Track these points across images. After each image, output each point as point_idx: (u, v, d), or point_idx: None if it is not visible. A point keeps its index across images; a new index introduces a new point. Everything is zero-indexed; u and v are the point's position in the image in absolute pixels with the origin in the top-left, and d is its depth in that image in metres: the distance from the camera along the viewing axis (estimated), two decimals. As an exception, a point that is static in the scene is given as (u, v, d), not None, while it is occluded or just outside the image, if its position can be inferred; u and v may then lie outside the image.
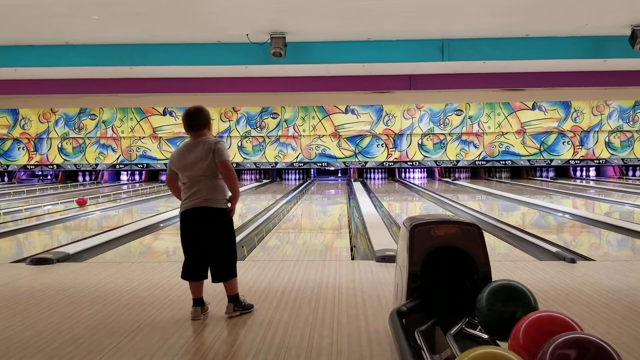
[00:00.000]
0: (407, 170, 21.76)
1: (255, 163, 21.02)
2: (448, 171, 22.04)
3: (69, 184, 20.35)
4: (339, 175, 22.30)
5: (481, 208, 11.96)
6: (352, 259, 6.36)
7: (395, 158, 20.85)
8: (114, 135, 21.13)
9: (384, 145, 20.84)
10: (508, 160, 20.76)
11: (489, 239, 5.14)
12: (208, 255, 3.88)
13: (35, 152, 21.36)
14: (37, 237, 8.62)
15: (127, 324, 3.75)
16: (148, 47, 11.30)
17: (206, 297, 3.97)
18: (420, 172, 22.02)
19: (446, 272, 3.00)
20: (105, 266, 5.79)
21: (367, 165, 21.01)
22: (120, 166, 21.35)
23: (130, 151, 21.19)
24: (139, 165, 21.30)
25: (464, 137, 20.77)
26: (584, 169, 21.69)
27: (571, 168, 21.52)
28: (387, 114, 20.71)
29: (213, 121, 18.68)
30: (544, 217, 10.51)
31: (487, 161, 20.89)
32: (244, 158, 20.95)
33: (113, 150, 21.25)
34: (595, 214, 10.42)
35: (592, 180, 20.66)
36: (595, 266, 5.56)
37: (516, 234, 7.84)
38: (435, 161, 20.96)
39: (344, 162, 21.02)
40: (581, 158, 20.65)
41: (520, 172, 21.93)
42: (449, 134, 20.74)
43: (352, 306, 4.12)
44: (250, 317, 3.86)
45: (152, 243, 8.08)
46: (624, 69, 13.90)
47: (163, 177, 21.18)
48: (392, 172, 21.82)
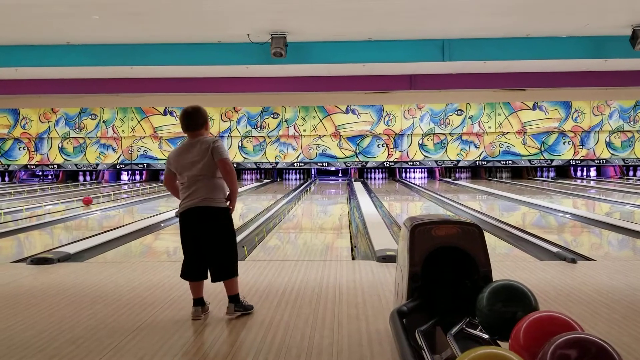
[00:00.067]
0: (408, 170, 21.76)
1: (255, 163, 21.02)
2: (448, 171, 22.04)
3: (69, 184, 20.36)
4: (340, 175, 22.30)
5: (482, 208, 11.96)
6: (353, 259, 6.36)
7: (396, 158, 20.85)
8: (115, 135, 21.13)
9: (385, 145, 20.83)
10: (509, 160, 20.75)
11: (489, 239, 5.14)
12: (208, 255, 3.87)
13: (35, 152, 21.36)
14: (38, 237, 8.62)
15: (128, 323, 3.75)
16: (149, 47, 11.31)
17: (206, 297, 3.97)
18: (421, 172, 22.02)
19: (447, 272, 3.00)
20: (106, 266, 5.80)
21: (368, 165, 21.00)
22: (121, 166, 21.35)
23: (131, 151, 21.19)
24: (140, 165, 21.30)
25: (464, 137, 20.76)
26: (585, 169, 21.68)
27: (572, 168, 21.51)
28: (387, 114, 20.70)
29: (214, 121, 18.53)
30: (545, 217, 10.50)
31: (488, 161, 20.88)
32: (245, 158, 20.95)
33: (114, 150, 21.25)
34: (596, 214, 10.41)
35: (593, 180, 20.65)
36: (595, 266, 5.56)
37: (517, 234, 7.84)
38: (436, 161, 20.95)
39: (345, 162, 21.02)
40: (582, 158, 20.64)
41: (520, 172, 21.92)
42: (449, 134, 20.74)
43: (352, 306, 4.12)
44: (250, 317, 3.86)
45: (152, 243, 8.09)
46: (624, 69, 13.91)
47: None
48: (393, 172, 21.82)
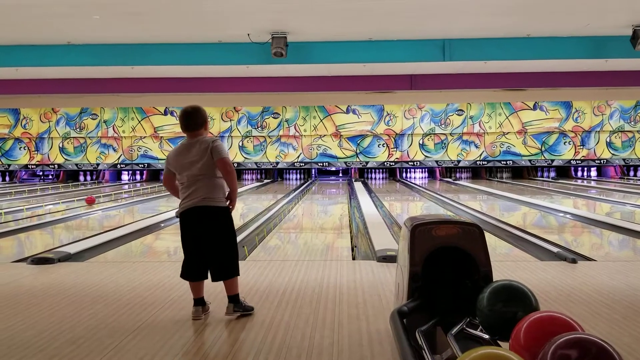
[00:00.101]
0: (408, 170, 21.76)
1: (256, 163, 21.02)
2: (449, 171, 22.03)
3: (70, 184, 20.37)
4: (340, 175, 22.29)
5: (482, 208, 11.96)
6: (353, 259, 6.36)
7: (397, 158, 20.84)
8: (115, 135, 21.14)
9: (385, 145, 20.83)
10: (509, 160, 20.74)
11: (490, 239, 5.14)
12: (208, 254, 3.86)
13: (36, 152, 21.36)
14: (38, 237, 8.63)
15: (128, 323, 3.75)
16: (149, 46, 11.31)
17: (207, 297, 3.97)
18: (421, 172, 22.01)
19: (447, 272, 3.00)
20: (107, 266, 5.80)
21: (368, 165, 21.00)
22: (122, 166, 21.35)
23: (132, 151, 21.20)
24: (140, 165, 21.30)
25: (465, 137, 20.75)
26: (585, 169, 21.66)
27: (572, 168, 21.50)
28: (388, 114, 20.70)
29: (214, 121, 18.51)
30: (545, 217, 10.50)
31: (488, 161, 20.87)
32: (245, 158, 20.95)
33: (114, 150, 21.26)
34: (597, 214, 10.41)
35: (593, 180, 20.64)
36: (596, 266, 5.56)
37: (517, 234, 7.83)
38: (436, 161, 20.95)
39: (345, 162, 21.01)
40: (582, 158, 20.63)
41: (521, 172, 21.91)
42: (450, 134, 20.73)
43: (353, 306, 4.12)
44: (251, 317, 3.85)
45: (153, 243, 8.09)
46: (625, 69, 13.91)
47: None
48: (393, 172, 21.81)
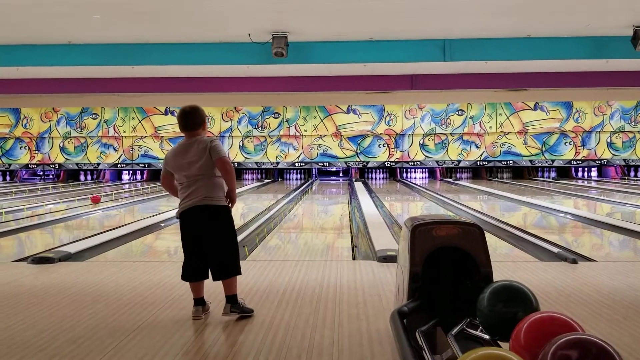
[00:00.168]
0: (409, 170, 21.75)
1: (256, 163, 21.02)
2: (449, 171, 22.03)
3: (70, 183, 20.37)
4: (341, 175, 22.29)
5: (482, 208, 11.95)
6: (354, 259, 6.36)
7: (397, 158, 20.84)
8: (116, 135, 21.14)
9: (386, 145, 20.82)
10: (510, 160, 20.74)
11: (490, 239, 5.13)
12: (209, 254, 3.85)
13: (37, 152, 21.37)
14: (39, 236, 8.63)
15: (128, 323, 3.75)
16: (150, 46, 11.31)
17: (207, 296, 3.97)
18: (422, 172, 22.01)
19: (447, 273, 3.00)
20: (107, 265, 5.80)
21: (369, 165, 21.00)
22: (122, 165, 21.36)
23: (132, 150, 21.20)
24: (141, 165, 21.31)
25: (465, 137, 20.75)
26: (586, 169, 21.65)
27: (573, 168, 21.49)
28: (388, 114, 20.69)
29: (215, 121, 18.48)
30: (546, 217, 10.50)
31: (489, 161, 20.87)
32: (246, 158, 20.95)
33: (115, 149, 21.26)
34: (597, 215, 10.41)
35: (594, 180, 20.63)
36: (596, 267, 5.56)
37: (517, 235, 7.83)
38: (437, 161, 20.94)
39: (346, 162, 21.01)
40: (583, 158, 20.62)
41: (521, 173, 21.90)
42: (450, 134, 20.73)
43: (353, 306, 4.12)
44: (251, 317, 3.84)
45: (153, 242, 8.09)
46: (626, 70, 13.90)
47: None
48: (394, 172, 21.81)
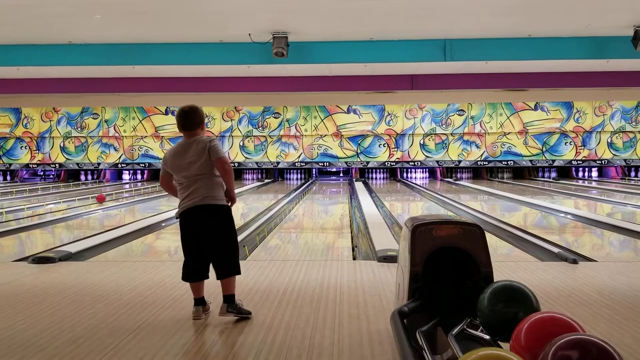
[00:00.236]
0: (409, 170, 21.75)
1: (257, 162, 21.01)
2: (450, 171, 22.02)
3: (71, 183, 20.38)
4: (341, 175, 22.29)
5: (483, 208, 11.95)
6: (354, 259, 6.36)
7: (397, 158, 20.83)
8: (116, 135, 21.14)
9: (386, 145, 20.82)
10: (510, 160, 20.73)
11: (490, 239, 5.13)
12: (210, 253, 3.84)
13: (37, 151, 21.37)
14: (39, 236, 8.63)
15: (129, 323, 3.75)
16: (150, 46, 11.31)
17: (207, 296, 3.96)
18: (422, 172, 22.00)
19: (448, 273, 3.00)
20: (107, 265, 5.80)
21: (369, 165, 20.99)
22: (123, 165, 21.36)
23: (133, 150, 21.20)
24: (141, 165, 21.31)
25: (466, 138, 20.74)
26: (586, 169, 21.64)
27: (573, 169, 21.48)
28: (389, 114, 20.69)
29: (215, 121, 18.46)
30: (546, 217, 10.50)
31: (489, 161, 20.86)
32: (246, 158, 20.95)
33: (115, 149, 21.26)
34: (598, 215, 10.40)
35: (595, 180, 20.63)
36: (597, 267, 5.56)
37: (518, 235, 7.83)
38: (437, 161, 20.94)
39: (346, 162, 21.01)
40: (583, 159, 20.61)
41: (522, 173, 21.89)
42: (451, 134, 20.72)
43: (353, 306, 4.12)
44: (251, 317, 3.85)
45: (153, 242, 8.09)
46: (626, 70, 13.89)
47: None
48: (394, 172, 21.81)
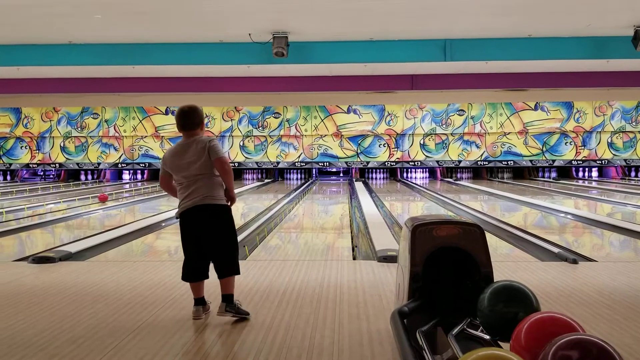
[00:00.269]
0: (409, 170, 21.75)
1: (257, 162, 21.02)
2: (450, 171, 22.02)
3: (71, 183, 20.38)
4: (341, 175, 22.29)
5: (483, 208, 11.95)
6: (354, 259, 6.36)
7: (397, 158, 20.83)
8: (117, 135, 21.14)
9: (386, 145, 20.82)
10: (510, 160, 20.73)
11: (490, 239, 5.13)
12: (210, 252, 3.84)
13: (37, 151, 21.37)
14: (39, 236, 8.63)
15: (129, 323, 3.75)
16: (150, 46, 11.31)
17: (207, 296, 3.96)
18: (422, 172, 22.00)
19: (448, 273, 3.00)
20: (107, 265, 5.80)
21: (369, 165, 20.99)
22: (123, 165, 21.36)
23: (133, 150, 21.20)
24: (141, 165, 21.31)
25: (466, 137, 20.74)
26: (587, 169, 21.64)
27: (573, 169, 21.48)
28: (389, 114, 20.69)
29: (215, 120, 18.46)
30: (546, 217, 10.49)
31: (489, 161, 20.86)
32: (246, 157, 20.95)
33: (115, 149, 21.26)
34: (598, 215, 10.40)
35: (595, 180, 20.63)
36: (597, 267, 5.56)
37: (518, 235, 7.83)
38: (437, 161, 20.94)
39: (346, 162, 21.01)
40: (583, 159, 20.61)
41: (522, 173, 21.89)
42: (451, 134, 20.72)
43: (353, 306, 4.12)
44: (251, 317, 3.85)
45: (154, 242, 8.09)
46: (626, 70, 13.89)
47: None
48: (394, 172, 21.81)
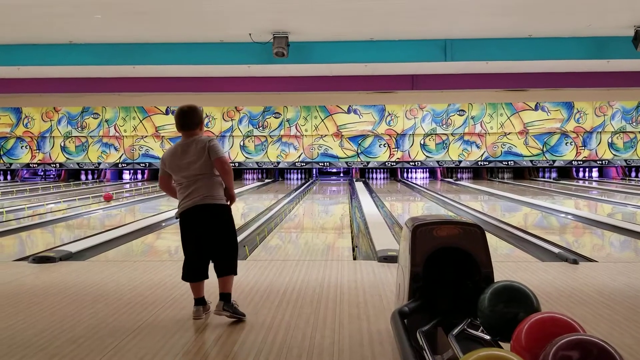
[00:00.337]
0: (410, 170, 21.75)
1: (257, 162, 21.02)
2: (450, 171, 22.02)
3: (71, 183, 20.38)
4: (341, 175, 22.29)
5: (483, 208, 11.95)
6: (354, 259, 6.36)
7: (398, 158, 20.83)
8: (117, 134, 21.15)
9: (386, 145, 20.82)
10: (510, 160, 20.73)
11: (491, 239, 5.14)
12: (210, 252, 3.84)
13: (38, 151, 21.38)
14: (40, 236, 8.63)
15: (129, 323, 3.75)
16: (151, 46, 11.30)
17: (207, 296, 3.95)
18: (423, 172, 22.00)
19: (448, 273, 3.00)
20: (107, 265, 5.80)
21: (370, 165, 20.99)
22: (123, 165, 21.37)
23: (133, 150, 21.21)
24: (142, 165, 21.32)
25: (466, 138, 20.74)
26: (587, 169, 21.64)
27: (574, 169, 21.48)
28: (389, 114, 20.69)
29: (215, 120, 18.48)
30: (546, 217, 10.49)
31: (490, 162, 20.86)
32: (246, 157, 20.95)
33: (116, 149, 21.27)
34: (598, 215, 10.40)
35: (595, 181, 20.62)
36: (597, 267, 5.55)
37: (518, 235, 7.83)
38: (438, 161, 20.94)
39: (346, 162, 21.01)
40: (584, 159, 20.61)
41: (522, 173, 21.89)
42: (451, 134, 20.72)
43: (353, 306, 4.12)
44: (251, 317, 3.84)
45: (154, 242, 8.09)
46: (627, 70, 13.87)
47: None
48: (395, 172, 21.81)
